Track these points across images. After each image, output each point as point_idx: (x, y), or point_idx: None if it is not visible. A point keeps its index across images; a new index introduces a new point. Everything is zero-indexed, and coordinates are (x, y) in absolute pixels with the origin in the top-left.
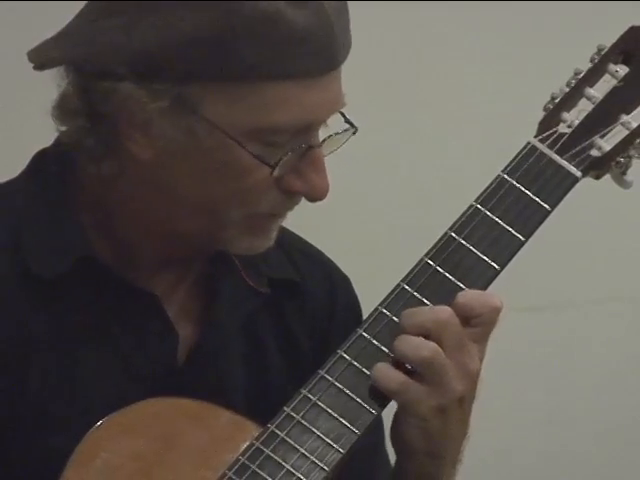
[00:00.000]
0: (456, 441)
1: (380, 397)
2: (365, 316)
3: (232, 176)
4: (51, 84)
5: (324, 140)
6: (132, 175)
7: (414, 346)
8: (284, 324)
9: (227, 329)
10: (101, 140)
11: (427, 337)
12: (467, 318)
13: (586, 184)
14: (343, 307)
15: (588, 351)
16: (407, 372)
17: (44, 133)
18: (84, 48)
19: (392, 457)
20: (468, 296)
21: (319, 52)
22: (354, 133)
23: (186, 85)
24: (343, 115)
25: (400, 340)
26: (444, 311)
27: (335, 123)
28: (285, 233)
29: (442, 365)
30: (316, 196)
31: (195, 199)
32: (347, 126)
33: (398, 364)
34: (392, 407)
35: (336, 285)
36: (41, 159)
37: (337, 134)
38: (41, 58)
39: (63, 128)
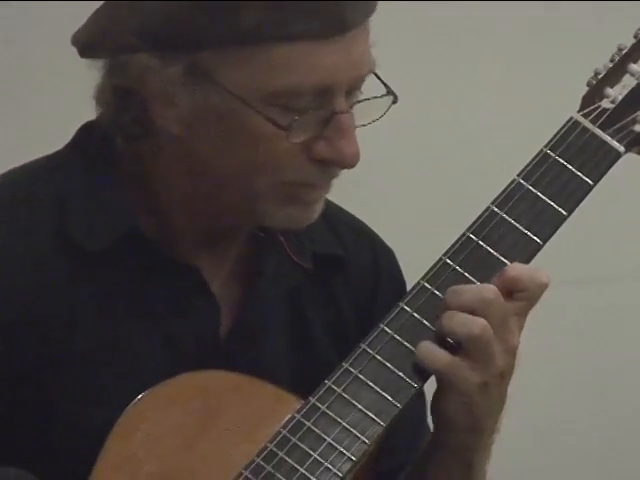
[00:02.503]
0: (495, 414)
1: (422, 371)
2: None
3: (254, 143)
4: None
5: (352, 106)
6: (168, 151)
7: (463, 323)
8: (329, 298)
9: (270, 304)
10: (134, 119)
11: (472, 313)
12: (512, 291)
13: (630, 159)
14: (387, 280)
15: (634, 325)
16: (449, 347)
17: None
18: (97, 27)
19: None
20: (517, 270)
21: (324, 13)
22: (394, 102)
23: (197, 52)
24: (381, 81)
25: (447, 317)
26: (489, 290)
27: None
28: (328, 205)
29: (489, 342)
30: (345, 163)
31: (224, 170)
32: (384, 92)
33: (440, 339)
34: (433, 381)
35: (380, 258)
36: (86, 132)
37: (368, 99)
38: (75, 44)
39: (100, 110)
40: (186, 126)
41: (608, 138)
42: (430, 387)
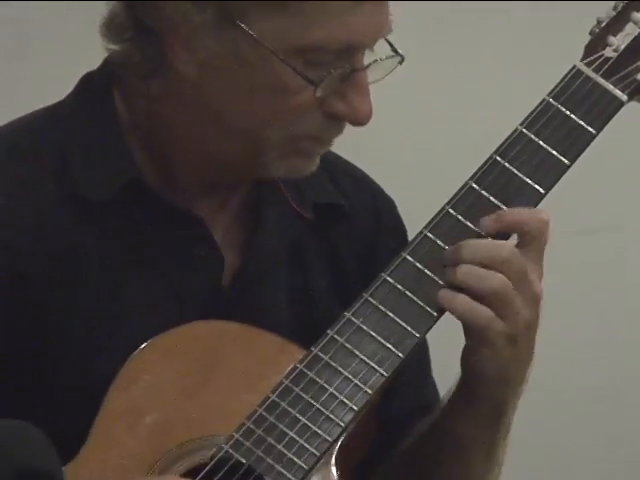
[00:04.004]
0: (524, 365)
1: (424, 320)
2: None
3: (275, 94)
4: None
5: (369, 65)
6: (178, 94)
7: (482, 277)
8: (330, 248)
9: (271, 254)
10: (148, 57)
11: (487, 269)
12: (518, 235)
13: (633, 108)
14: (388, 229)
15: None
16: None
17: None
18: None
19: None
20: (514, 213)
21: None
22: (400, 62)
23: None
24: (389, 43)
25: (465, 272)
26: (505, 248)
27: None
28: (330, 156)
29: (511, 296)
30: (358, 120)
31: (238, 118)
32: (392, 53)
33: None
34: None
35: (381, 208)
36: (88, 81)
37: (382, 60)
38: None
39: (111, 46)
40: (205, 72)
41: (611, 87)
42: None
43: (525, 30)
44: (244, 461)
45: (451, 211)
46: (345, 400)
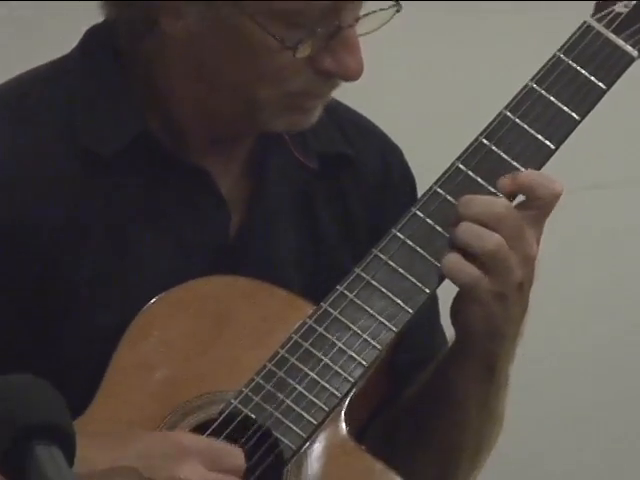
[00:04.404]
0: (516, 321)
1: (434, 276)
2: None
3: (259, 57)
4: None
5: (358, 19)
6: (171, 52)
7: (478, 237)
8: (338, 198)
9: (278, 205)
10: (138, 14)
11: (485, 227)
12: (526, 198)
13: None
14: (397, 179)
15: None
16: (467, 255)
17: None
18: None
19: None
20: (530, 177)
21: None
22: (397, 11)
23: None
24: None
25: (461, 229)
26: (500, 205)
27: None
28: (336, 105)
29: (505, 256)
30: (348, 76)
31: (227, 79)
32: (387, 6)
33: (455, 246)
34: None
35: (389, 157)
36: (93, 36)
37: (377, 11)
38: None
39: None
40: (192, 35)
41: (622, 42)
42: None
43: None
44: (253, 416)
45: (461, 166)
46: (354, 355)
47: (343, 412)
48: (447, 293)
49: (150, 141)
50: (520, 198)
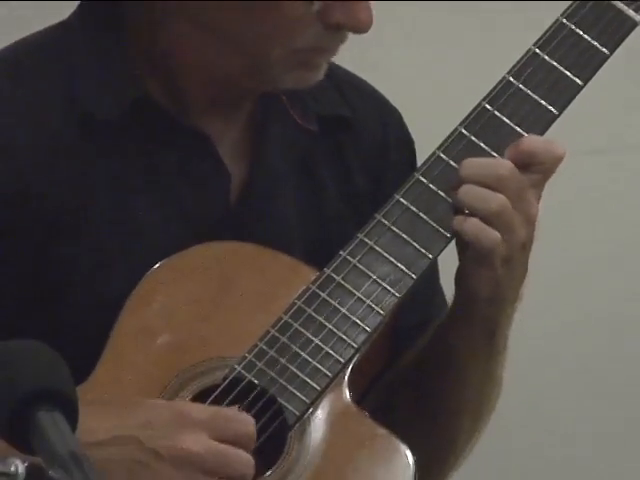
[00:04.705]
0: (517, 284)
1: (437, 241)
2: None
3: (272, 10)
4: None
5: None
6: (179, 12)
7: (482, 198)
8: (339, 161)
9: (278, 168)
10: None
11: (488, 188)
12: (528, 164)
13: None
14: (396, 142)
15: None
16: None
17: None
18: None
19: None
20: (533, 143)
21: None
22: None
23: None
24: None
25: (465, 191)
26: (504, 166)
27: None
28: (335, 68)
29: (510, 217)
30: (359, 27)
31: (238, 36)
32: None
33: (458, 210)
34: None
35: (388, 119)
36: (91, 1)
37: None
38: None
39: None
40: None
41: (624, 7)
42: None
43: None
44: (257, 382)
45: (464, 132)
46: (358, 321)
47: (346, 378)
48: (444, 259)
49: (150, 106)
50: None
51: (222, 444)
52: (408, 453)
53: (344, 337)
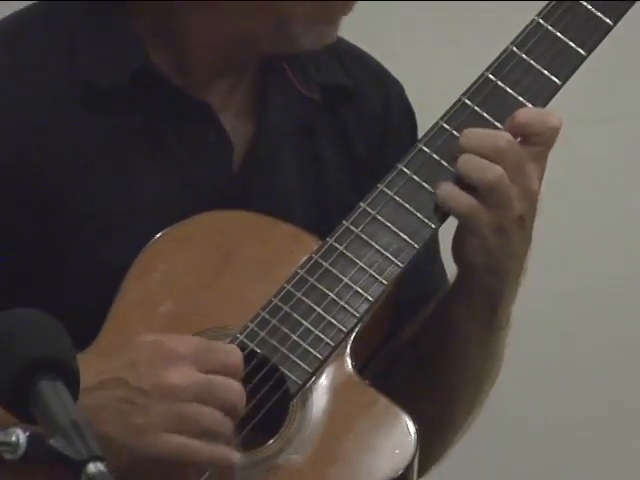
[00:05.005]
0: (518, 257)
1: (440, 212)
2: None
3: None
4: None
5: None
6: None
7: (479, 168)
8: (340, 131)
9: (281, 137)
10: None
11: (487, 159)
12: (526, 136)
13: None
14: (398, 113)
15: None
16: (468, 188)
17: None
18: None
19: None
20: (528, 115)
21: None
22: None
23: None
24: None
25: (463, 160)
26: (503, 138)
27: None
28: (337, 39)
29: (505, 188)
30: None
31: None
32: None
33: (460, 181)
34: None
35: (390, 90)
36: None
37: None
38: None
39: None
40: None
41: None
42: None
43: None
44: (259, 351)
45: (467, 102)
46: (360, 290)
47: (349, 347)
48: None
49: (152, 75)
50: None
51: (209, 375)
52: (410, 422)
53: (346, 306)
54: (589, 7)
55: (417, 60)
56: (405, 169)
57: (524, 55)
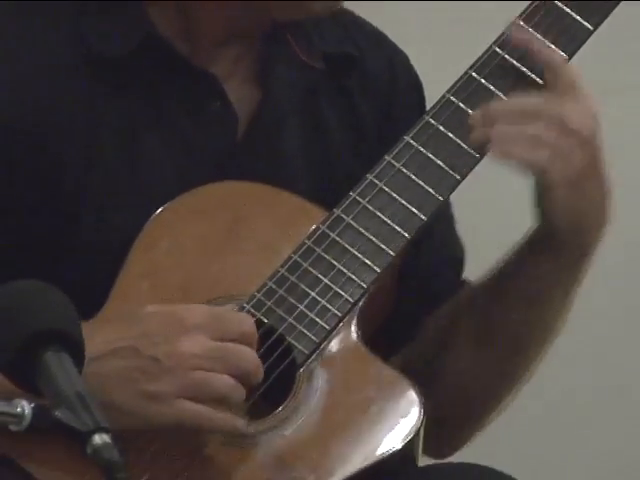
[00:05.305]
0: (598, 207)
1: (447, 183)
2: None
3: None
4: None
5: None
6: None
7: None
8: (345, 100)
9: (283, 106)
10: None
11: None
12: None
13: None
14: (404, 81)
15: None
16: None
17: None
18: None
19: None
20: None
21: None
22: None
23: None
24: None
25: (497, 130)
26: (531, 101)
27: None
28: (341, 10)
29: (551, 141)
30: None
31: None
32: None
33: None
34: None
35: (395, 60)
36: None
37: None
38: None
39: None
40: None
41: None
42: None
43: None
44: (265, 321)
45: (474, 75)
46: (367, 261)
47: (355, 318)
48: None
49: (158, 44)
50: None
51: (222, 344)
52: (416, 393)
53: (353, 277)
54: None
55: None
56: (412, 141)
57: (530, 29)
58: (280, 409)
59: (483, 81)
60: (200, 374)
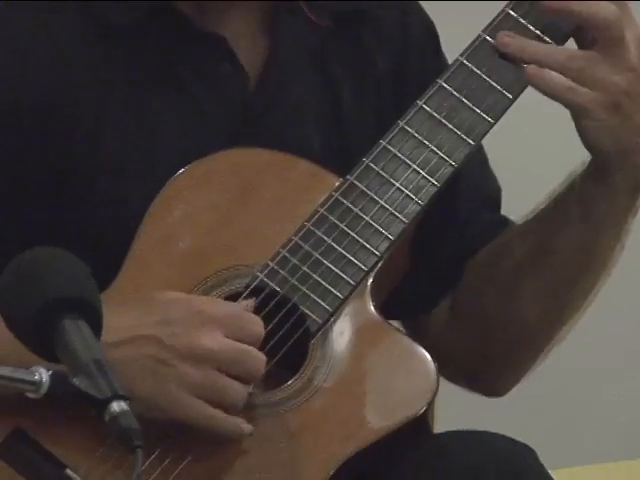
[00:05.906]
0: None
1: (461, 149)
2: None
3: None
4: None
5: None
6: None
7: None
8: (357, 55)
9: (292, 66)
10: None
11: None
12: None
13: None
14: (418, 32)
15: None
16: None
17: None
18: None
19: None
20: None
21: None
22: None
23: None
24: None
25: (529, 69)
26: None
27: None
28: None
29: (591, 69)
30: None
31: None
32: None
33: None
34: None
35: (408, 10)
36: None
37: None
38: None
39: None
40: None
41: None
42: None
43: None
44: (279, 290)
45: (488, 38)
46: (381, 229)
47: (369, 286)
48: None
49: (165, 10)
50: None
51: (236, 343)
52: (430, 360)
53: (367, 245)
54: None
55: None
56: (425, 106)
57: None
58: (294, 379)
59: (488, 37)
60: (221, 379)
